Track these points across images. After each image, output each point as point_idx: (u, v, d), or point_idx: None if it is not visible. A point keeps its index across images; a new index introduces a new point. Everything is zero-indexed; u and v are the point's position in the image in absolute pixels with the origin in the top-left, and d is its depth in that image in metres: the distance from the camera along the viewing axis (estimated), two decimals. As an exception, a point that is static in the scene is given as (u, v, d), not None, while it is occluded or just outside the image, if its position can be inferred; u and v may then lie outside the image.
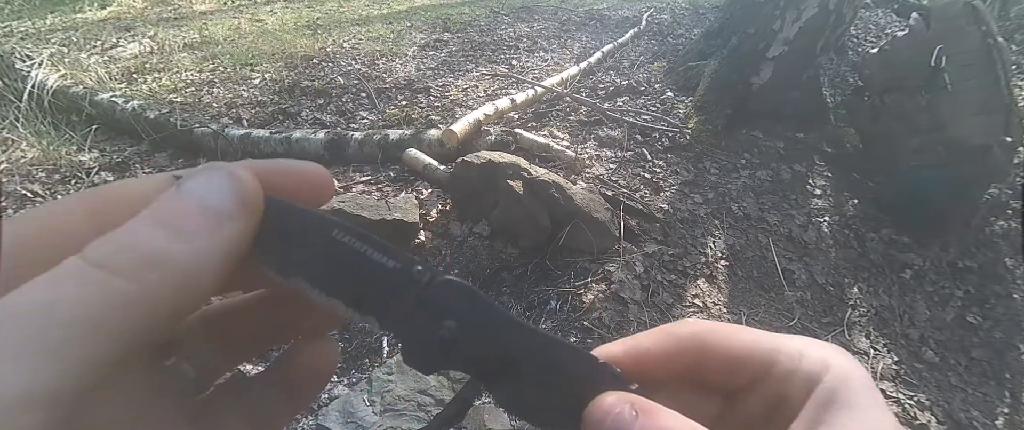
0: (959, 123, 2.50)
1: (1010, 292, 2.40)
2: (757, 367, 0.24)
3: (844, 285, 2.22)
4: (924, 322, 2.16)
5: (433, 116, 3.06)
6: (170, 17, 5.05)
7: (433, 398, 1.45)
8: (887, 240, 2.46)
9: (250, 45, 4.08)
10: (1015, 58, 3.66)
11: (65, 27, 4.50)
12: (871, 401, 0.21)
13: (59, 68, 3.27)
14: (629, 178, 2.42)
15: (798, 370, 0.22)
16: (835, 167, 2.85)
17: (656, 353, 0.25)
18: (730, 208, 2.39)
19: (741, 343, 0.24)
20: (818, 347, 0.23)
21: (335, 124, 3.06)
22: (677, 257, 2.05)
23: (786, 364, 0.23)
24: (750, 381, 0.24)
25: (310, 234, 0.22)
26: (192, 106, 3.18)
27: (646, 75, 3.55)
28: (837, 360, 0.22)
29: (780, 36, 2.85)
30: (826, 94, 3.20)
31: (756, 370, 0.24)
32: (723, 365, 0.24)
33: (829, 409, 0.21)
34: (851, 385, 0.21)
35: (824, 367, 0.22)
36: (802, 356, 0.23)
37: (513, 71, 3.81)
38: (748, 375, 0.24)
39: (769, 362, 0.23)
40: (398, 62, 3.94)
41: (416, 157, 2.42)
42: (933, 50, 2.50)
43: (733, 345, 0.24)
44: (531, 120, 3.01)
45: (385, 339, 1.74)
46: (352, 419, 1.41)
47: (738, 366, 0.24)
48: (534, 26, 4.93)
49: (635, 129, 2.76)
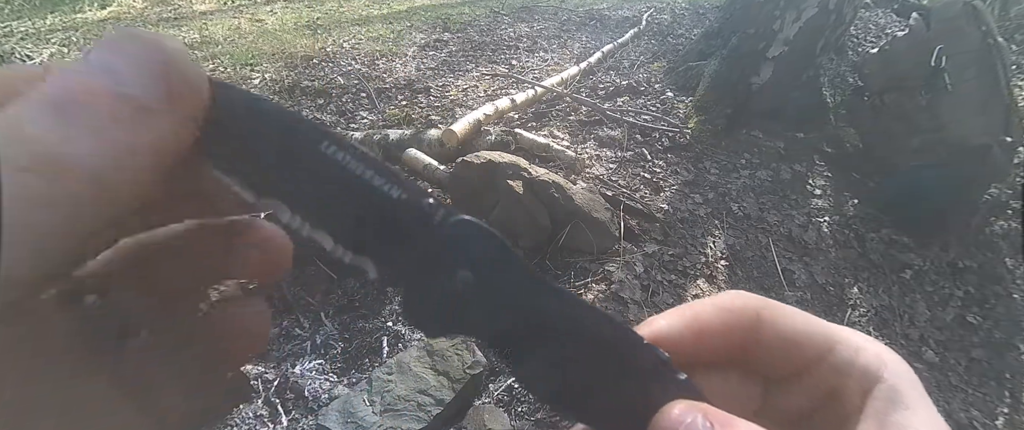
0: (959, 123, 2.50)
1: (1010, 292, 2.40)
2: (811, 352, 0.22)
3: (844, 285, 2.22)
4: (924, 322, 2.16)
5: (433, 116, 3.06)
6: (170, 17, 5.05)
7: (433, 398, 1.45)
8: (887, 240, 2.46)
9: (250, 45, 4.09)
10: (1015, 58, 3.66)
11: (65, 27, 4.50)
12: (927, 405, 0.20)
13: (59, 68, 3.27)
14: (629, 178, 2.42)
15: (855, 363, 0.21)
16: (835, 167, 2.85)
17: (715, 327, 0.22)
18: (730, 208, 2.39)
19: (799, 325, 0.22)
20: (874, 344, 0.22)
21: (335, 124, 3.06)
22: (677, 257, 2.05)
23: (843, 355, 0.21)
24: (800, 367, 0.22)
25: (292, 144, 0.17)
26: (192, 106, 3.18)
27: (646, 75, 3.55)
28: (893, 359, 0.21)
29: (780, 36, 2.85)
30: (826, 94, 3.20)
31: (809, 356, 0.22)
32: (776, 345, 0.22)
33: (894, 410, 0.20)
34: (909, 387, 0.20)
35: (881, 364, 0.21)
36: (859, 350, 0.21)
37: (513, 71, 3.81)
38: (800, 360, 0.22)
39: (825, 350, 0.22)
40: (398, 62, 3.94)
41: (416, 157, 2.42)
42: (933, 50, 2.50)
43: (790, 325, 0.22)
44: (531, 120, 3.01)
45: (385, 339, 1.74)
46: (352, 419, 1.41)
47: (794, 349, 0.22)
48: (534, 26, 4.93)
49: (635, 129, 2.76)
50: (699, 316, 0.22)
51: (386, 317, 1.82)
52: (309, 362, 1.68)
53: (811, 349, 0.22)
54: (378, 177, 0.17)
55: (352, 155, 0.17)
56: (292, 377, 1.62)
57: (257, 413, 1.53)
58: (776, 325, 0.22)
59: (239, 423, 1.50)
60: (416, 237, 0.17)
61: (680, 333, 0.22)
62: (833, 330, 0.22)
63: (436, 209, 0.18)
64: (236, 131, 0.17)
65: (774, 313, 0.22)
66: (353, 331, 1.78)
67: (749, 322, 0.22)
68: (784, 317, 0.22)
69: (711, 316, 0.22)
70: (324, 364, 1.68)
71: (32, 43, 3.92)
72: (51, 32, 4.33)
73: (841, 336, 0.22)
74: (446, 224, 0.18)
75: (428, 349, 1.56)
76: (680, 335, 0.22)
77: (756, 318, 0.22)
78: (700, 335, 0.22)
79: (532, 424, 1.49)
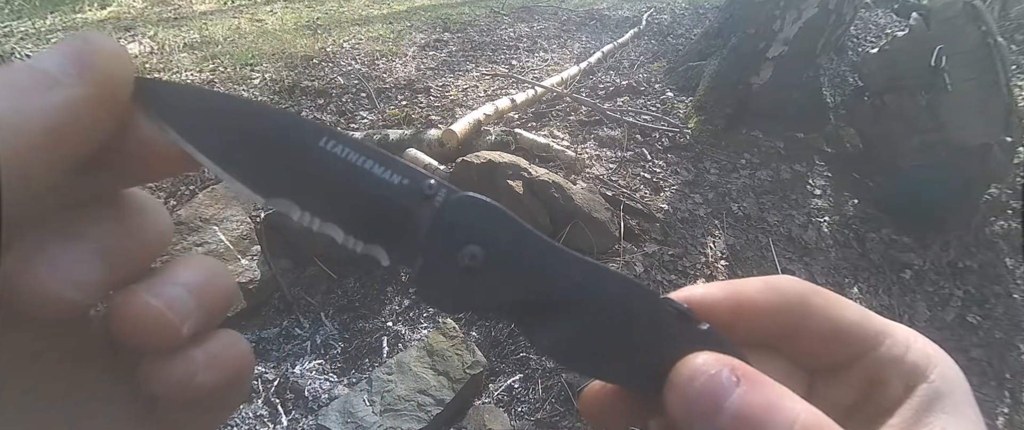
0: (959, 123, 2.50)
1: (1010, 292, 2.40)
2: (860, 345, 0.21)
3: (844, 285, 2.21)
4: (924, 322, 2.16)
5: (433, 116, 3.06)
6: (170, 17, 5.05)
7: (433, 398, 1.45)
8: (887, 240, 2.46)
9: (250, 45, 4.09)
10: (1015, 58, 3.66)
11: (65, 27, 4.50)
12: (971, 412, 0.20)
13: (59, 68, 3.27)
14: (629, 178, 2.42)
15: (903, 360, 0.20)
16: (835, 167, 2.85)
17: (760, 305, 0.21)
18: (730, 208, 2.39)
19: (850, 315, 0.21)
20: (924, 342, 0.21)
21: (335, 124, 3.06)
22: (677, 257, 2.05)
23: (892, 350, 0.21)
24: (847, 360, 0.21)
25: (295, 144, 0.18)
26: (192, 106, 3.18)
27: (646, 75, 3.55)
28: (943, 359, 0.21)
29: (780, 36, 2.85)
30: (826, 94, 3.20)
31: (858, 348, 0.21)
32: (826, 334, 0.21)
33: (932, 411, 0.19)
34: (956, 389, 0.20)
35: (930, 363, 0.20)
36: (909, 347, 0.21)
37: (513, 71, 3.81)
38: (848, 352, 0.21)
39: (874, 343, 0.21)
40: (398, 62, 3.94)
41: (416, 157, 2.42)
42: (933, 50, 2.50)
43: (841, 315, 0.21)
44: (531, 120, 3.01)
45: (385, 339, 1.74)
46: (352, 419, 1.41)
47: (842, 339, 0.21)
48: (534, 26, 4.93)
49: (635, 129, 2.76)
50: (742, 290, 0.22)
51: (386, 317, 1.82)
52: (309, 362, 1.68)
53: (860, 341, 0.21)
54: (378, 166, 0.18)
55: (352, 147, 0.18)
56: (292, 377, 1.62)
57: (257, 413, 1.53)
58: (826, 313, 0.21)
59: (239, 423, 1.50)
60: (422, 219, 0.18)
61: (717, 300, 0.22)
62: (885, 324, 0.22)
63: (438, 189, 0.18)
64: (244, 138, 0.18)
65: (825, 301, 0.22)
66: (353, 331, 1.78)
67: (797, 307, 0.21)
68: (835, 307, 0.22)
69: (755, 292, 0.22)
70: (324, 364, 1.68)
71: (32, 43, 3.92)
72: (51, 32, 4.33)
73: (892, 330, 0.21)
74: (450, 203, 0.18)
75: (428, 349, 1.56)
76: (716, 302, 0.21)
77: (804, 304, 0.21)
78: (740, 307, 0.22)
79: (532, 424, 1.49)
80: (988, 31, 2.53)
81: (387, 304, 1.85)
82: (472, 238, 0.18)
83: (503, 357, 1.67)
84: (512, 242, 0.18)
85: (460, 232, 0.18)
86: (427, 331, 1.72)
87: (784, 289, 0.22)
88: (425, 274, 0.18)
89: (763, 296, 0.22)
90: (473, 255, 0.18)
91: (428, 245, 0.18)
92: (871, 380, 0.21)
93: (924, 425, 0.19)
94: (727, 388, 0.17)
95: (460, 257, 0.18)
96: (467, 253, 0.18)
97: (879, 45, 3.03)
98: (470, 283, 0.18)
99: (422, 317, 1.81)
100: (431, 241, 0.18)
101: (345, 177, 0.18)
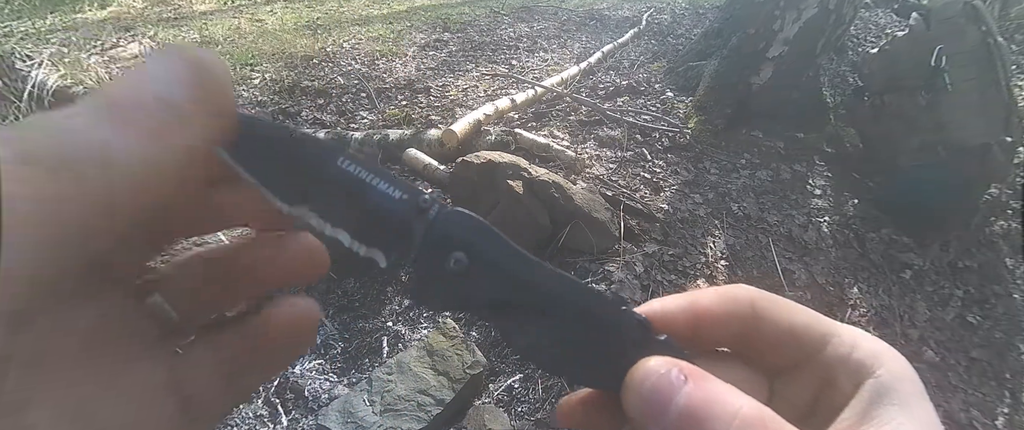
0: (959, 123, 2.50)
1: (1010, 292, 2.40)
2: (809, 346, 0.22)
3: (844, 285, 2.21)
4: (924, 322, 2.16)
5: (433, 116, 3.06)
6: (170, 17, 5.05)
7: (433, 398, 1.45)
8: (887, 240, 2.46)
9: (250, 45, 4.08)
10: (1015, 58, 3.66)
11: (65, 27, 4.50)
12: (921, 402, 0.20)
13: (59, 68, 3.27)
14: (629, 178, 2.42)
15: (849, 358, 0.21)
16: (835, 167, 2.85)
17: (715, 314, 0.23)
18: (730, 208, 2.39)
19: (797, 317, 0.23)
20: (871, 341, 0.22)
21: (335, 124, 3.06)
22: (677, 257, 2.05)
23: (839, 349, 0.22)
24: (797, 361, 0.23)
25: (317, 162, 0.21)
26: (192, 106, 3.18)
27: (646, 75, 3.55)
28: (890, 355, 0.21)
29: (780, 36, 2.85)
30: (826, 94, 3.20)
31: (807, 349, 0.22)
32: (776, 337, 0.23)
33: (879, 404, 0.20)
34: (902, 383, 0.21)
35: (876, 361, 0.21)
36: (855, 345, 0.22)
37: (513, 71, 3.81)
38: (798, 353, 0.23)
39: (821, 343, 0.22)
40: (398, 62, 3.94)
41: (416, 157, 2.42)
42: (933, 50, 2.50)
43: (789, 318, 0.23)
44: (531, 120, 3.01)
45: (385, 339, 1.74)
46: (352, 419, 1.41)
47: (792, 340, 0.23)
48: (534, 26, 4.93)
49: (635, 129, 2.76)
50: (698, 300, 0.24)
51: (386, 317, 1.82)
52: (309, 362, 1.68)
53: (809, 342, 0.22)
54: (383, 182, 0.21)
55: (363, 166, 0.21)
56: (292, 377, 1.62)
57: (257, 413, 1.53)
58: (775, 317, 0.23)
59: (239, 423, 1.50)
60: (417, 228, 0.21)
61: (675, 313, 0.23)
62: (831, 325, 0.23)
63: (431, 204, 0.21)
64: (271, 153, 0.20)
65: (773, 305, 0.23)
66: (353, 331, 1.78)
67: (748, 313, 0.23)
68: (783, 310, 0.23)
69: (710, 302, 0.23)
70: (324, 364, 1.68)
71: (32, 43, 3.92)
72: (51, 32, 4.33)
73: (838, 330, 0.23)
74: (441, 215, 0.21)
75: (428, 349, 1.56)
76: (675, 314, 0.23)
77: (755, 310, 0.23)
78: (697, 318, 0.23)
79: (532, 424, 1.49)
80: (988, 31, 2.53)
81: (387, 304, 1.85)
82: (458, 246, 0.21)
83: (503, 357, 1.67)
84: (492, 251, 0.21)
85: (448, 241, 0.21)
86: (427, 331, 1.72)
87: (736, 297, 0.23)
88: (418, 275, 0.21)
89: (717, 305, 0.23)
90: (458, 260, 0.21)
91: (421, 251, 0.21)
92: (822, 379, 0.22)
93: (872, 418, 0.20)
94: (676, 386, 0.19)
95: (448, 262, 0.21)
96: (454, 258, 0.21)
97: (879, 45, 3.03)
98: (456, 285, 0.21)
99: (422, 317, 1.81)
100: (424, 248, 0.21)
101: (355, 191, 0.20)
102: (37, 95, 2.98)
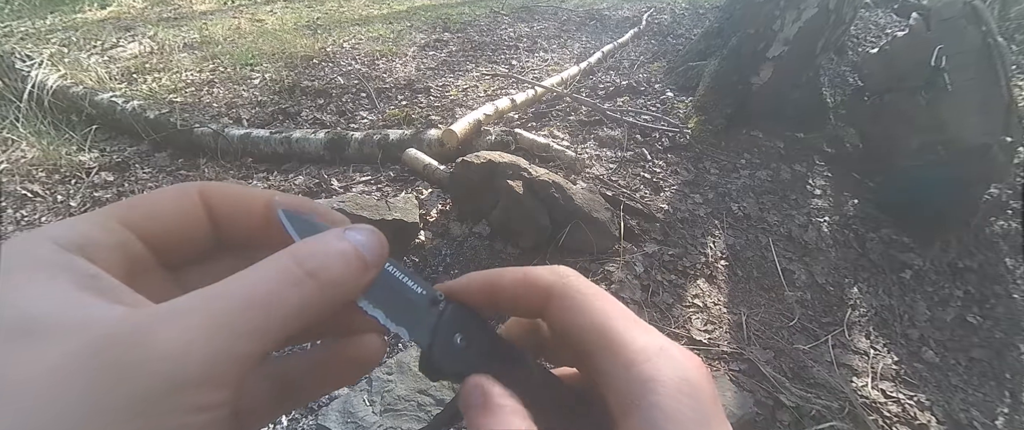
0: (959, 123, 2.50)
1: (1010, 292, 2.40)
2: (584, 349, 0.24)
3: (844, 285, 2.21)
4: (924, 322, 2.16)
5: (433, 116, 3.06)
6: (170, 17, 5.05)
7: (433, 398, 1.45)
8: (887, 240, 2.46)
9: (250, 45, 4.09)
10: (1015, 58, 3.66)
11: (65, 27, 4.50)
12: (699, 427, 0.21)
13: (59, 68, 3.27)
14: (629, 178, 2.42)
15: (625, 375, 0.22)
16: (835, 167, 2.85)
17: (510, 294, 0.28)
18: (730, 208, 2.39)
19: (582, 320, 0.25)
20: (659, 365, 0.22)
21: (335, 124, 3.05)
22: (677, 257, 2.05)
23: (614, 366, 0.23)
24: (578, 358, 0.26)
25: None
26: (192, 106, 3.18)
27: (646, 75, 3.55)
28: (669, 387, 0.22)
29: (780, 36, 2.85)
30: (826, 94, 3.20)
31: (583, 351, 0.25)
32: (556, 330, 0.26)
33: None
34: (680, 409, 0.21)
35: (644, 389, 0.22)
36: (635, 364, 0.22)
37: (513, 71, 3.81)
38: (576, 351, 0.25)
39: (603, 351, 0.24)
40: (398, 62, 3.94)
41: (416, 157, 2.42)
42: (933, 50, 2.50)
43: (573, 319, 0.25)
44: (531, 120, 3.01)
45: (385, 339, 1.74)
46: (352, 419, 1.41)
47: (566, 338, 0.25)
48: (534, 26, 4.93)
49: (635, 129, 2.76)
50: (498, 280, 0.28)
51: (386, 317, 1.82)
52: (309, 362, 1.68)
53: (585, 346, 0.25)
54: (411, 281, 0.28)
55: (398, 269, 0.28)
56: (292, 377, 1.62)
57: (257, 413, 1.52)
58: (561, 314, 0.26)
59: (239, 423, 1.50)
60: (432, 315, 0.28)
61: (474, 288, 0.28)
62: (630, 338, 0.23)
63: (441, 298, 0.28)
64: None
65: (569, 303, 0.26)
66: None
67: (540, 300, 0.27)
68: (575, 310, 0.25)
69: (509, 282, 0.28)
70: (324, 364, 1.68)
71: (32, 43, 3.92)
72: (51, 32, 4.33)
73: (630, 344, 0.23)
74: (449, 307, 0.28)
75: (428, 349, 1.56)
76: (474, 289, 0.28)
77: (546, 300, 0.26)
78: (494, 293, 0.28)
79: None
80: (988, 31, 2.53)
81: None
82: (460, 330, 0.28)
83: (503, 357, 1.67)
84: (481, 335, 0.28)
85: (454, 325, 0.28)
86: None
87: (535, 282, 0.27)
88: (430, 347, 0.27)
89: (514, 287, 0.27)
90: (459, 339, 0.27)
91: (434, 331, 0.27)
92: (599, 385, 0.24)
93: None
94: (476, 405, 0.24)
95: (455, 339, 0.27)
96: (456, 337, 0.27)
97: (879, 45, 3.03)
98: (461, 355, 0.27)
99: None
100: (436, 329, 0.27)
101: (392, 286, 0.27)
102: (37, 95, 2.98)
